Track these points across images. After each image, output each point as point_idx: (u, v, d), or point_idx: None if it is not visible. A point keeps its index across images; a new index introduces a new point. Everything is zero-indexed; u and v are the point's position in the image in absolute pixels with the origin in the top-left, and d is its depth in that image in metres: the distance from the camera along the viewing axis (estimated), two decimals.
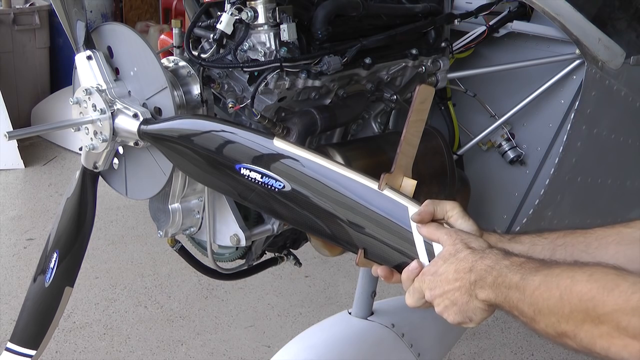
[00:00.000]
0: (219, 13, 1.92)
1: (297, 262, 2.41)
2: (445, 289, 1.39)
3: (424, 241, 1.47)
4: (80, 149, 1.99)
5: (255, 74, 1.89)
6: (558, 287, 1.22)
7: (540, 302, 1.25)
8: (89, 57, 1.91)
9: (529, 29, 2.27)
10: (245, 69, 1.89)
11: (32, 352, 2.19)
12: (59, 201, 2.17)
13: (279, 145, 1.61)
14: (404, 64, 2.15)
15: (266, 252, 2.32)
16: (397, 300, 2.80)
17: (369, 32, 2.06)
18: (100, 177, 2.04)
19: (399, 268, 1.50)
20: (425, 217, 1.47)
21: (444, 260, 1.41)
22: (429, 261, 1.46)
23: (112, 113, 1.87)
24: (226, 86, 1.95)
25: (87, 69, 1.91)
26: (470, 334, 3.75)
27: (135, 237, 4.88)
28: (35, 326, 2.20)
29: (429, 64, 2.19)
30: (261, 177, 1.61)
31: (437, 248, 1.45)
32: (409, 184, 1.54)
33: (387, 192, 1.51)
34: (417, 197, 1.53)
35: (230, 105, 1.93)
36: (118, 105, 1.87)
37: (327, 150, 2.00)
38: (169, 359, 3.69)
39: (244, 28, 1.89)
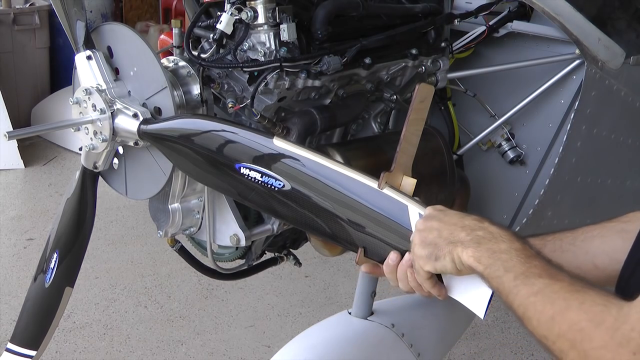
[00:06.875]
0: (218, 13, 1.92)
1: (297, 262, 2.41)
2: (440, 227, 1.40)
3: None
4: (80, 149, 1.99)
5: (255, 74, 1.89)
6: (552, 306, 1.23)
7: (531, 310, 1.25)
8: (89, 57, 1.91)
9: (529, 29, 2.27)
10: (245, 69, 1.89)
11: (33, 353, 2.19)
12: (59, 201, 2.17)
13: (279, 144, 1.61)
14: (403, 64, 2.15)
15: (266, 252, 2.32)
16: (397, 300, 2.79)
17: (369, 32, 2.06)
18: (100, 177, 2.04)
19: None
20: None
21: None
22: None
23: (112, 113, 1.87)
24: (226, 86, 1.95)
25: (87, 69, 1.91)
26: (470, 334, 3.75)
27: (135, 237, 4.88)
28: (35, 326, 2.20)
29: (428, 64, 2.19)
30: (261, 177, 1.62)
31: None
32: (409, 183, 1.54)
33: (387, 191, 1.51)
34: (417, 196, 1.53)
35: (230, 105, 1.93)
36: (118, 105, 1.87)
37: (327, 150, 2.00)
38: (169, 359, 3.69)
39: (243, 28, 1.89)
